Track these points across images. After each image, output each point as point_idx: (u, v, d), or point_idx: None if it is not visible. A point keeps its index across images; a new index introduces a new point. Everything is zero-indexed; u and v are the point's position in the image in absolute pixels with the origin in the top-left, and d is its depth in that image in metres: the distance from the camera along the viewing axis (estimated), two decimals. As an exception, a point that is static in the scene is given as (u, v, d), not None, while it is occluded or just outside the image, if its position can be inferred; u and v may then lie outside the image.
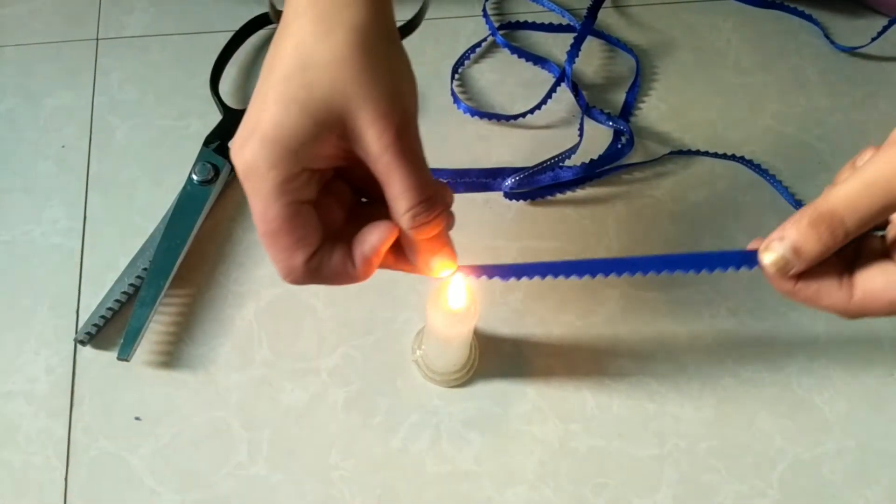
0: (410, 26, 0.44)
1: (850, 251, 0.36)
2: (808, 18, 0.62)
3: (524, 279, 0.37)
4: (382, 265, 0.35)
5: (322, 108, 0.31)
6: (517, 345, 0.49)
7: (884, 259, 0.35)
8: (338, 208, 0.35)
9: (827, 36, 0.61)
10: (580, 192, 0.55)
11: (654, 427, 0.47)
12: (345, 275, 0.34)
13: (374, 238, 0.34)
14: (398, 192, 0.33)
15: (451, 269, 0.36)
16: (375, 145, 0.32)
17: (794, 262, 0.34)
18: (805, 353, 0.50)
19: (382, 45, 0.32)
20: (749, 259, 0.34)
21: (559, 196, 0.54)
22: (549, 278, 0.37)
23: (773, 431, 0.47)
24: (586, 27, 0.60)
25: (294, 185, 0.32)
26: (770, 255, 0.34)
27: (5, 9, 0.61)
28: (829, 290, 0.34)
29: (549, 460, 0.46)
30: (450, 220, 0.36)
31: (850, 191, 0.32)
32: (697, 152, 0.56)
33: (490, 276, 0.38)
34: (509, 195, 0.54)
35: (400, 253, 0.35)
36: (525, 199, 0.54)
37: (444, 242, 0.35)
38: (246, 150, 0.31)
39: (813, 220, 0.33)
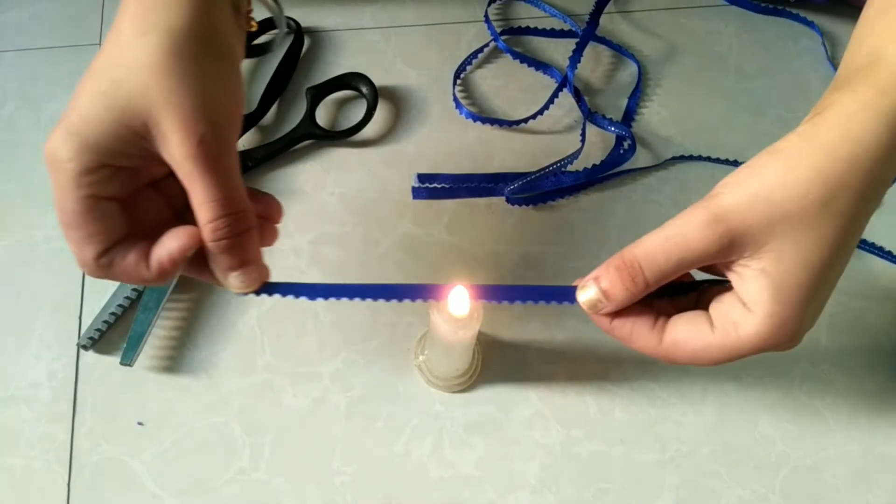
0: (268, 45, 0.42)
1: (693, 296, 0.38)
2: (811, 25, 0.62)
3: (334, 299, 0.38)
4: (187, 272, 0.35)
5: (127, 107, 0.31)
6: (520, 350, 0.49)
7: (700, 309, 0.36)
8: (164, 208, 0.35)
9: (825, 47, 0.62)
10: (582, 197, 0.55)
11: (656, 432, 0.47)
12: (137, 276, 0.33)
13: (172, 244, 0.33)
14: (198, 203, 0.32)
15: (252, 287, 0.35)
16: (177, 152, 0.31)
17: (604, 303, 0.35)
18: (807, 358, 0.50)
19: (197, 53, 0.32)
20: (571, 295, 0.37)
21: (561, 201, 0.54)
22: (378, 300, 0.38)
23: (775, 436, 0.47)
24: (588, 33, 0.60)
25: (92, 179, 0.31)
26: (584, 295, 0.36)
27: (7, 13, 0.61)
28: (642, 332, 0.36)
29: (552, 465, 0.46)
30: (268, 237, 0.36)
31: (652, 243, 0.34)
32: (699, 157, 0.56)
33: (298, 295, 0.37)
34: (512, 200, 0.54)
35: (206, 262, 0.34)
36: (527, 204, 0.54)
37: (247, 259, 0.34)
38: (51, 138, 0.31)
39: (618, 266, 0.35)
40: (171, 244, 0.33)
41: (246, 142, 0.55)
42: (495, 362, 0.49)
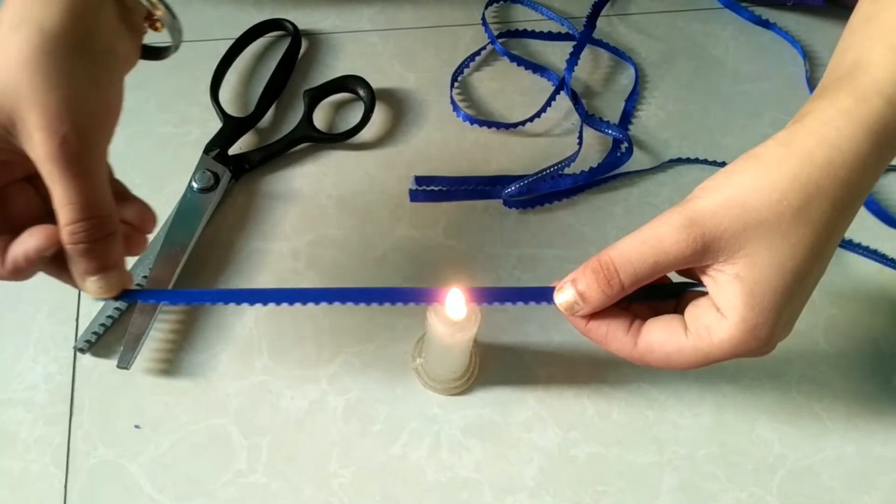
0: (161, 51, 0.41)
1: (673, 301, 0.38)
2: (795, 45, 0.62)
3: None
4: (46, 272, 0.35)
5: None
6: (517, 352, 0.49)
7: (676, 314, 0.36)
8: (37, 204, 0.35)
9: (806, 67, 0.61)
10: (579, 200, 0.55)
11: (653, 434, 0.47)
12: None
13: (29, 243, 0.33)
14: (58, 204, 0.32)
15: (109, 294, 0.35)
16: (39, 151, 0.31)
17: (580, 305, 0.36)
18: (804, 359, 0.50)
19: (68, 53, 0.31)
20: (549, 296, 0.37)
21: (558, 204, 0.55)
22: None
23: (773, 438, 0.48)
24: (585, 36, 0.60)
25: None
26: (561, 297, 0.36)
27: (5, 16, 0.61)
28: (617, 334, 0.36)
29: (549, 467, 0.46)
30: (136, 245, 0.36)
31: (627, 245, 0.34)
32: (696, 160, 0.57)
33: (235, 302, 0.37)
34: (509, 203, 0.54)
35: (66, 263, 0.34)
36: (524, 207, 0.54)
37: (105, 264, 0.34)
38: None
39: (594, 269, 0.35)
40: (28, 243, 0.33)
41: (243, 144, 0.55)
42: (493, 365, 0.49)
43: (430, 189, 0.54)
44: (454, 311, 0.40)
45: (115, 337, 0.48)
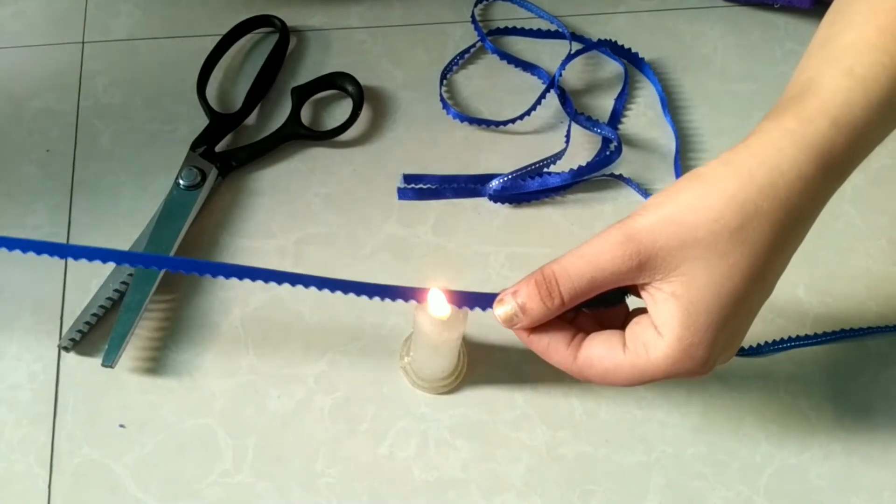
0: None
1: (621, 317, 0.38)
2: (654, 83, 0.62)
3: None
4: None
5: None
6: (506, 351, 0.49)
7: (619, 329, 0.36)
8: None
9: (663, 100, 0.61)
10: (569, 199, 0.55)
11: (641, 433, 0.47)
12: None
13: None
14: None
15: None
16: None
17: (520, 317, 0.36)
18: (791, 359, 0.50)
19: None
20: (490, 303, 0.37)
21: (547, 202, 0.54)
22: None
23: (760, 437, 0.48)
24: (588, 43, 0.60)
25: None
26: (500, 309, 0.37)
27: (-11, 11, 0.60)
28: (558, 347, 0.37)
29: (537, 467, 0.46)
30: None
31: (568, 260, 0.35)
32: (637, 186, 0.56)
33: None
34: (497, 199, 0.54)
35: None
36: (513, 205, 0.54)
37: None
38: None
39: (537, 281, 0.35)
40: None
41: (230, 142, 0.55)
42: (481, 364, 0.49)
43: (418, 187, 0.54)
44: (440, 310, 0.40)
45: (100, 335, 0.48)
